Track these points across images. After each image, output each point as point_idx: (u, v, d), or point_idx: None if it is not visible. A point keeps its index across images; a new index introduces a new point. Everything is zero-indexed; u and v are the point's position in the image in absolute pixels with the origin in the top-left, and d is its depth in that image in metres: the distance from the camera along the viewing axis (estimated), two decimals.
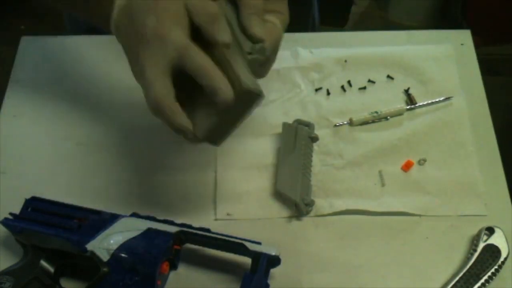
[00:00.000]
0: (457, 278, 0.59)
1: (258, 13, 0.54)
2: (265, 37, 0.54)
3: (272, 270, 0.58)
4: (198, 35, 0.51)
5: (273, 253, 0.56)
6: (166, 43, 0.49)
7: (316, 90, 0.73)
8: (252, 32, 0.53)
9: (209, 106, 0.51)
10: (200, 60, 0.50)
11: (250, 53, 0.53)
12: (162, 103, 0.50)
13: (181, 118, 0.51)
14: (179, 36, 0.49)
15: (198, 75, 0.50)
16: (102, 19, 0.55)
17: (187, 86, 0.51)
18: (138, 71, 0.52)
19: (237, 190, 0.66)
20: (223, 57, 0.51)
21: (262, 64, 0.56)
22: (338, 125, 0.70)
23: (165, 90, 0.50)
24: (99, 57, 0.75)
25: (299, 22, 0.60)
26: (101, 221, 0.58)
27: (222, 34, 0.50)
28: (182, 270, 0.61)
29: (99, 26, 0.57)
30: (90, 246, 0.56)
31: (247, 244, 0.56)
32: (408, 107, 0.71)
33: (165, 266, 0.57)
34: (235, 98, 0.50)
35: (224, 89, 0.49)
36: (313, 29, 0.97)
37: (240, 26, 0.54)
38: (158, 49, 0.49)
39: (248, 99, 0.52)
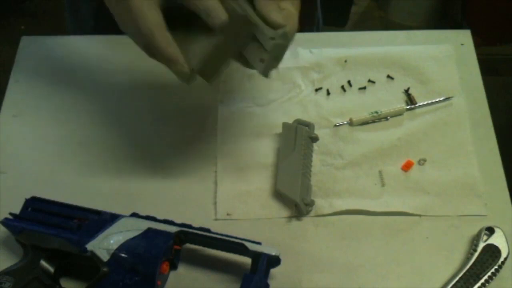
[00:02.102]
0: (457, 278, 0.59)
1: (276, 1, 0.55)
2: (284, 22, 0.54)
3: (272, 270, 0.58)
4: None
5: (273, 253, 0.56)
6: None
7: (316, 90, 0.73)
8: (272, 18, 0.54)
9: (201, 40, 0.53)
10: None
11: (273, 39, 0.54)
12: (155, 33, 0.51)
13: (174, 47, 0.52)
14: None
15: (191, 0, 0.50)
16: None
17: (176, 26, 0.53)
18: (125, 11, 0.52)
19: (237, 190, 0.66)
20: None
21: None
22: (338, 125, 0.70)
23: (157, 21, 0.51)
24: (99, 57, 0.75)
25: (303, 23, 0.60)
26: (101, 221, 0.58)
27: None
28: (182, 270, 0.61)
29: None
30: (90, 246, 0.56)
31: (247, 244, 0.56)
32: (408, 107, 0.71)
33: (165, 266, 0.57)
34: (229, 23, 0.51)
35: (218, 9, 0.50)
36: (317, 29, 0.97)
37: (257, 14, 0.55)
38: None
39: (240, 24, 0.53)
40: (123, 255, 0.56)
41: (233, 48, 0.56)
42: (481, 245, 0.60)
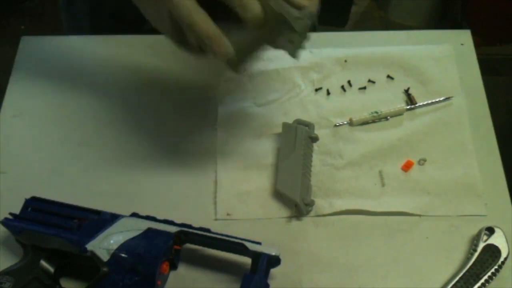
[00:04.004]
0: (457, 278, 0.59)
1: None
2: (308, 3, 0.55)
3: (272, 270, 0.58)
4: None
5: (273, 253, 0.56)
6: None
7: (316, 90, 0.73)
8: (296, 0, 0.55)
9: (233, 32, 0.53)
10: None
11: (300, 19, 0.55)
12: (194, 14, 0.50)
13: (216, 27, 0.51)
14: None
15: None
16: None
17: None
18: (156, 3, 0.52)
19: (237, 190, 0.66)
20: None
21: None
22: (338, 125, 0.70)
23: (195, 5, 0.51)
24: (99, 57, 0.75)
25: None
26: (101, 221, 0.58)
27: None
28: (182, 270, 0.61)
29: None
30: (90, 246, 0.56)
31: (247, 244, 0.56)
32: (408, 107, 0.71)
33: (165, 266, 0.57)
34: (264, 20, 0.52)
35: (253, 4, 0.51)
36: (314, 29, 0.97)
37: None
38: None
39: (273, 18, 0.54)
40: (123, 255, 0.56)
41: (263, 40, 0.57)
42: (481, 245, 0.60)
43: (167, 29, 0.55)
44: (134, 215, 0.59)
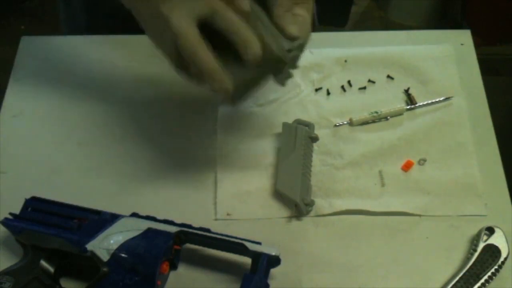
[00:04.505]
0: (457, 278, 0.59)
1: (290, 9, 0.55)
2: (301, 33, 0.55)
3: (272, 270, 0.58)
4: None
5: (273, 253, 0.56)
6: None
7: (316, 90, 0.73)
8: (289, 31, 0.55)
9: (232, 66, 0.53)
10: (230, 15, 0.50)
11: (290, 51, 0.55)
12: (198, 48, 0.50)
13: (216, 63, 0.51)
14: None
15: (229, 30, 0.50)
16: None
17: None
18: (162, 26, 0.51)
19: (237, 190, 0.66)
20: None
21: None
22: (338, 125, 0.70)
23: (197, 37, 0.50)
24: (99, 57, 0.75)
25: None
26: (101, 221, 0.58)
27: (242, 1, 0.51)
28: (182, 270, 0.61)
29: None
30: (90, 246, 0.56)
31: (247, 244, 0.56)
32: (408, 107, 0.71)
33: (165, 266, 0.57)
34: (263, 60, 0.51)
35: (254, 44, 0.51)
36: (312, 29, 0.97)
37: (274, 24, 0.55)
38: (187, 1, 0.50)
39: (274, 64, 0.54)
40: (123, 255, 0.56)
41: (262, 79, 0.57)
42: (481, 245, 0.60)
43: (169, 53, 0.54)
44: (134, 215, 0.59)
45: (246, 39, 0.51)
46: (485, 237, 0.61)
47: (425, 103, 0.72)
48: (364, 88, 0.74)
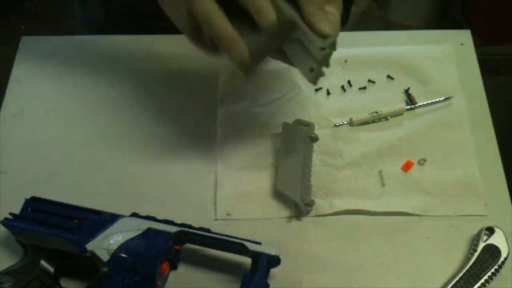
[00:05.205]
0: (457, 278, 0.59)
1: (321, 7, 0.55)
2: (332, 31, 0.54)
3: (272, 270, 0.58)
4: None
5: (273, 253, 0.56)
6: None
7: (316, 90, 0.73)
8: (321, 29, 0.54)
9: (247, 34, 0.53)
10: None
11: (323, 49, 0.54)
12: (215, 14, 0.51)
13: (233, 29, 0.51)
14: None
15: None
16: None
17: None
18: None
19: (237, 190, 0.66)
20: None
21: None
22: (338, 125, 0.70)
23: (213, 3, 0.51)
24: (99, 57, 0.75)
25: None
26: (101, 221, 0.58)
27: None
28: (182, 270, 0.61)
29: None
30: (90, 246, 0.56)
31: (247, 244, 0.56)
32: (408, 107, 0.71)
33: (165, 266, 0.57)
34: (277, 25, 0.51)
35: (268, 10, 0.51)
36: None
37: (305, 22, 0.55)
38: None
39: (288, 27, 0.54)
40: (123, 255, 0.56)
41: (275, 45, 0.57)
42: (481, 245, 0.60)
43: (185, 26, 0.55)
44: (134, 215, 0.59)
45: (260, 5, 0.51)
46: (485, 237, 0.61)
47: (425, 103, 0.72)
48: (364, 88, 0.74)
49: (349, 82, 0.74)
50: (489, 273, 0.59)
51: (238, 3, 0.52)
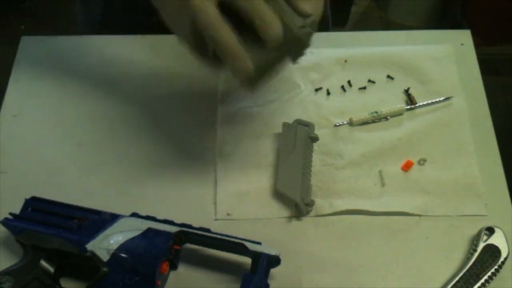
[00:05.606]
0: (457, 278, 0.59)
1: None
2: (313, 11, 0.54)
3: (272, 270, 0.58)
4: None
5: (273, 253, 0.56)
6: None
7: (316, 90, 0.73)
8: (302, 8, 0.54)
9: (252, 48, 0.52)
10: None
11: (303, 27, 0.54)
12: (219, 27, 0.49)
13: (238, 42, 0.50)
14: None
15: (249, 11, 0.49)
16: None
17: None
18: (178, 8, 0.51)
19: (237, 190, 0.66)
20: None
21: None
22: (338, 125, 0.70)
23: (218, 15, 0.49)
24: (99, 57, 0.75)
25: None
26: (101, 221, 0.58)
27: None
28: (182, 270, 0.61)
29: None
30: (90, 246, 0.56)
31: (247, 244, 0.56)
32: (408, 107, 0.71)
33: (165, 266, 0.57)
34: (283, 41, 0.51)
35: (275, 24, 0.50)
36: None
37: (286, 1, 0.54)
38: None
39: (293, 45, 0.54)
40: (123, 255, 0.56)
41: (280, 60, 0.56)
42: (481, 245, 0.60)
43: (186, 35, 0.53)
44: (134, 215, 0.59)
45: (266, 19, 0.50)
46: (485, 237, 0.61)
47: (425, 103, 0.72)
48: (364, 88, 0.74)
49: (349, 82, 0.74)
50: (489, 273, 0.59)
51: (243, 17, 0.51)
